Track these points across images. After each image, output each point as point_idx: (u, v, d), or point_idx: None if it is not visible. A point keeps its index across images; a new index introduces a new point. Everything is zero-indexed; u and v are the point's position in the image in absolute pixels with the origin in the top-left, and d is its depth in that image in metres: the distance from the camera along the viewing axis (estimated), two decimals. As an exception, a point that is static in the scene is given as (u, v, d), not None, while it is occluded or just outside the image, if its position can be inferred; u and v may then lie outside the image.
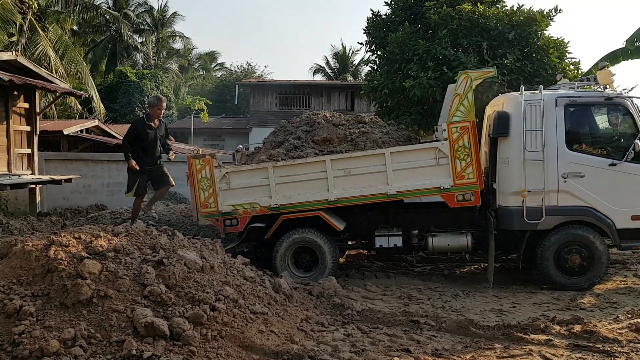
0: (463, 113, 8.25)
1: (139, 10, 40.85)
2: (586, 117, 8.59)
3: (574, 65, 13.17)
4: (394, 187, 8.35)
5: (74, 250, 5.82)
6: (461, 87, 8.25)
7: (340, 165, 8.44)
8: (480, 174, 8.41)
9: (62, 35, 23.91)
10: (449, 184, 8.29)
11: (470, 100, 8.25)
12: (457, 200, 8.37)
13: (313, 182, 8.49)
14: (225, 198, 8.60)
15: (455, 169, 8.26)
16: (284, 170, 8.52)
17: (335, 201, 8.47)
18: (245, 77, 43.60)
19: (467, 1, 13.33)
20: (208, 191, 8.55)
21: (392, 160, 8.34)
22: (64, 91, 15.21)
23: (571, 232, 8.26)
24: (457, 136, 8.24)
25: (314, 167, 8.48)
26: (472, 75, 8.33)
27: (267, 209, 8.56)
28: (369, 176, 8.42)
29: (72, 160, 16.36)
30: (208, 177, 8.56)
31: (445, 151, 8.27)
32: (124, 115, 31.02)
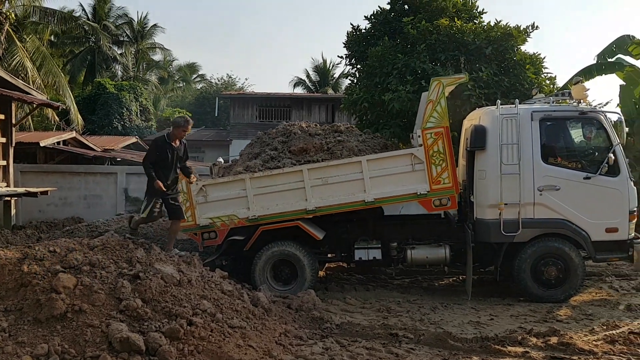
0: (437, 119, 8.33)
1: (119, 22, 40.63)
2: (561, 131, 8.75)
3: (550, 81, 13.40)
4: (372, 195, 8.38)
5: (48, 264, 5.74)
6: (434, 94, 8.34)
7: (317, 174, 8.45)
8: (456, 178, 8.48)
9: (39, 46, 23.67)
10: (426, 189, 8.35)
11: (444, 106, 8.34)
12: (435, 205, 8.44)
13: (291, 192, 8.48)
14: (202, 211, 8.53)
15: (431, 174, 8.32)
16: (261, 181, 8.50)
17: (313, 210, 8.47)
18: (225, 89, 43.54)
19: (445, 17, 13.52)
20: (185, 205, 8.48)
21: (369, 167, 8.37)
22: (40, 102, 15.03)
23: (547, 244, 8.36)
24: (431, 142, 8.31)
25: (292, 177, 8.47)
26: (444, 81, 8.42)
27: (246, 220, 8.52)
28: (346, 184, 8.44)
29: (49, 172, 16.14)
30: (185, 190, 8.49)
31: (421, 157, 8.33)
32: (102, 127, 30.68)
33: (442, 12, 13.83)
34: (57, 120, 25.54)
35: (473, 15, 14.27)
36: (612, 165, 8.25)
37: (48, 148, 19.47)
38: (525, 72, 12.71)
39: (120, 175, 15.80)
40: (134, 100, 33.22)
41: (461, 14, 14.02)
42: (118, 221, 12.37)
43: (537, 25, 13.43)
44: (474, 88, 12.27)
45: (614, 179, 8.30)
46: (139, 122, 33.66)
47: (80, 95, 32.67)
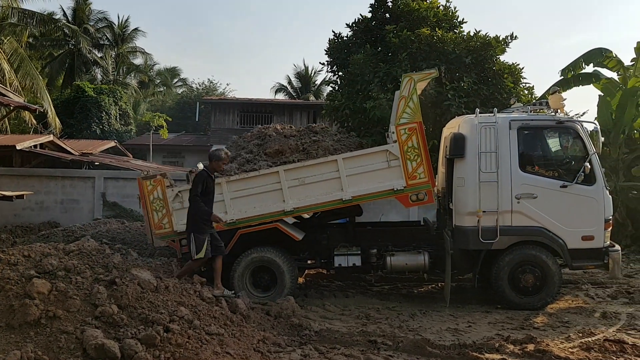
0: (410, 115, 8.37)
1: (99, 25, 40.27)
2: (538, 140, 8.86)
3: (528, 90, 13.61)
4: (349, 193, 8.38)
5: (22, 268, 5.65)
6: (406, 90, 8.38)
7: (294, 175, 8.42)
8: (431, 172, 8.51)
9: (17, 48, 23.32)
10: (402, 185, 8.37)
11: (416, 101, 8.38)
12: (412, 200, 8.47)
13: (268, 194, 8.44)
14: (179, 217, 8.43)
15: (407, 169, 8.35)
16: (238, 185, 8.44)
17: (292, 211, 8.43)
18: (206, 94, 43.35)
19: (426, 26, 13.65)
20: (161, 212, 8.38)
21: (345, 166, 8.37)
22: (17, 105, 14.79)
23: (525, 252, 8.44)
24: (405, 137, 8.35)
25: (268, 178, 8.44)
26: (415, 77, 8.46)
27: (224, 224, 8.46)
28: (323, 184, 8.42)
29: (25, 176, 15.86)
30: (160, 197, 8.39)
31: (396, 153, 8.35)
32: (81, 131, 30.32)
33: (423, 21, 13.97)
34: (34, 123, 25.16)
35: (454, 25, 14.43)
36: (588, 174, 8.36)
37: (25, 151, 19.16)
38: (504, 81, 12.89)
39: (98, 179, 15.60)
40: (113, 104, 32.90)
41: (442, 23, 14.18)
42: (95, 226, 12.20)
43: (515, 35, 13.64)
44: (454, 97, 12.41)
45: (590, 188, 8.42)
46: (118, 126, 33.35)
47: (59, 98, 32.26)
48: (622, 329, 7.36)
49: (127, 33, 41.87)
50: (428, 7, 14.24)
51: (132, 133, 34.88)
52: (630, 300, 8.98)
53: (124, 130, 33.95)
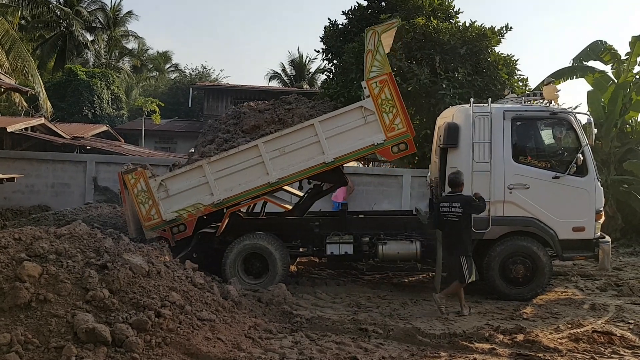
0: (378, 67, 8.31)
1: (92, 8, 39.79)
2: (532, 131, 8.88)
3: (522, 82, 13.63)
4: (331, 155, 8.36)
5: (13, 251, 5.59)
6: (371, 43, 8.31)
7: (273, 145, 8.37)
8: (409, 121, 8.48)
9: (9, 30, 22.92)
10: (382, 138, 8.35)
11: (383, 53, 8.32)
12: (394, 152, 8.48)
13: (251, 169, 8.40)
14: (167, 206, 8.40)
15: (384, 122, 8.31)
16: (219, 164, 8.40)
17: (277, 182, 8.42)
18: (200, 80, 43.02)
19: (422, 15, 13.60)
20: (148, 203, 8.34)
21: (323, 128, 8.33)
22: (8, 87, 14.63)
23: (516, 243, 8.48)
24: (378, 91, 8.29)
25: (248, 153, 8.39)
26: (379, 29, 8.37)
27: (212, 206, 8.42)
28: (304, 150, 8.39)
29: (15, 158, 15.70)
30: (145, 189, 8.34)
31: (371, 108, 8.32)
32: (72, 115, 30.05)
33: (419, 10, 13.95)
34: (25, 106, 24.86)
35: (449, 15, 14.39)
36: (581, 165, 8.41)
37: (15, 134, 19.01)
38: (498, 72, 12.89)
39: (89, 163, 15.46)
40: (105, 88, 32.63)
41: (437, 13, 14.14)
42: (86, 210, 12.12)
43: (510, 26, 13.64)
44: (449, 87, 12.40)
45: (582, 179, 8.46)
46: (110, 110, 33.10)
47: (50, 81, 31.96)
48: (610, 320, 7.43)
49: (119, 16, 41.41)
50: (423, -4, 14.19)
51: (124, 118, 34.64)
52: (618, 292, 9.06)
53: (116, 114, 33.70)
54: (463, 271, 7.57)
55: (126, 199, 8.59)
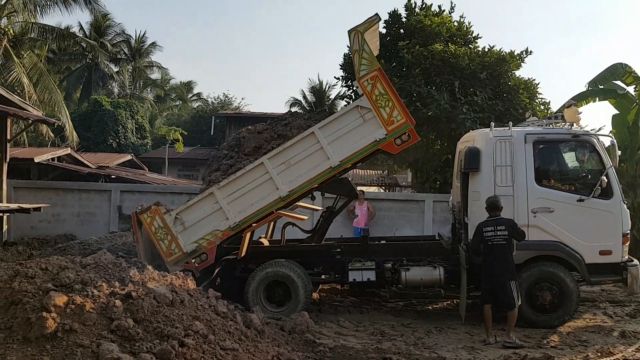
0: (367, 65, 8.31)
1: (117, 40, 40.83)
2: (554, 154, 8.81)
3: (544, 106, 13.56)
4: (336, 159, 8.36)
5: (39, 281, 5.67)
6: (355, 44, 8.32)
7: (278, 160, 8.42)
8: (406, 111, 8.43)
9: (37, 63, 23.68)
10: (383, 133, 8.32)
11: (369, 50, 8.32)
12: (397, 145, 8.42)
13: (261, 187, 8.44)
14: (185, 238, 8.45)
15: (382, 117, 8.29)
16: (230, 188, 8.45)
17: (288, 195, 8.43)
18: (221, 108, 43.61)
19: (440, 42, 13.68)
20: (167, 239, 8.40)
21: (323, 134, 8.36)
22: (36, 119, 15.00)
23: (542, 268, 8.35)
24: (370, 87, 8.28)
25: (256, 172, 8.44)
26: (360, 28, 8.35)
27: (229, 230, 8.45)
28: (309, 159, 8.42)
29: (42, 188, 16.00)
30: (161, 225, 8.41)
31: (367, 105, 8.31)
32: (97, 144, 30.65)
33: (437, 36, 14.02)
34: (52, 136, 25.49)
35: (468, 40, 14.45)
36: (605, 188, 8.30)
37: (42, 164, 19.40)
38: (519, 96, 12.85)
39: (114, 192, 15.68)
40: (129, 118, 33.26)
41: (455, 38, 14.20)
42: (111, 239, 12.29)
43: (530, 50, 13.64)
44: (469, 112, 12.39)
45: (607, 202, 8.34)
46: (135, 139, 33.68)
47: (76, 112, 32.70)
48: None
49: (144, 48, 42.40)
50: (441, 23, 14.29)
51: (148, 146, 35.19)
52: (649, 318, 8.83)
53: (140, 143, 34.26)
54: (513, 296, 7.48)
55: (139, 239, 8.66)
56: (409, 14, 14.95)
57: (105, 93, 37.17)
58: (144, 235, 8.58)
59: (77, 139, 24.74)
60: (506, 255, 7.55)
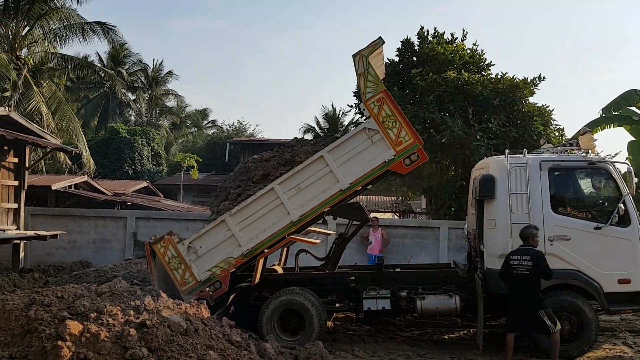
0: (372, 87, 8.32)
1: (134, 69, 41.59)
2: (570, 181, 8.75)
3: (559, 132, 13.52)
4: (346, 182, 8.33)
5: (55, 310, 5.71)
6: (360, 67, 8.33)
7: (288, 184, 8.42)
8: (414, 131, 8.40)
9: (55, 92, 24.14)
10: (392, 154, 8.27)
11: (373, 73, 8.34)
12: (406, 165, 8.36)
13: (272, 213, 8.43)
14: (199, 267, 8.43)
15: (390, 138, 8.26)
16: (241, 214, 8.44)
17: (299, 220, 8.40)
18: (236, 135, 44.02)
19: (453, 69, 13.76)
20: (180, 268, 8.39)
21: (332, 158, 8.35)
22: (54, 147, 15.25)
23: (560, 298, 8.22)
24: (377, 109, 8.27)
25: (267, 198, 8.44)
26: (365, 52, 8.38)
27: (242, 257, 8.43)
28: (319, 182, 8.41)
29: (59, 215, 16.17)
30: (175, 254, 8.41)
31: (374, 127, 8.30)
32: (114, 171, 31.00)
33: (450, 64, 14.11)
34: (69, 164, 25.83)
35: (481, 67, 14.52)
36: (623, 215, 8.20)
37: (59, 191, 19.64)
38: (533, 123, 12.84)
39: (129, 219, 15.80)
40: (146, 145, 33.67)
41: (469, 66, 14.28)
42: (126, 266, 12.33)
43: (543, 76, 13.64)
44: (483, 138, 12.38)
45: (625, 229, 8.23)
46: (150, 166, 34.04)
47: (94, 139, 33.20)
48: (664, 379, 7.06)
49: (160, 76, 43.13)
50: (454, 51, 14.40)
51: (163, 173, 35.52)
52: (671, 348, 8.62)
53: (156, 170, 34.61)
54: (547, 323, 7.39)
55: (152, 269, 8.68)
56: (422, 42, 15.10)
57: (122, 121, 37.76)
58: (158, 265, 8.61)
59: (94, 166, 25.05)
60: (530, 286, 7.46)
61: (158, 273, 8.63)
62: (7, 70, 20.71)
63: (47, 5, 22.29)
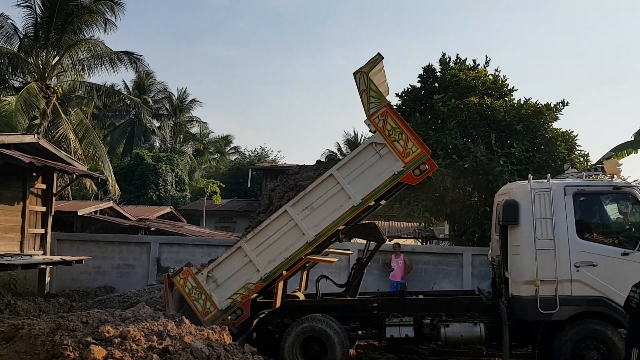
0: (375, 102, 8.34)
1: (159, 97, 42.45)
2: (596, 206, 8.62)
3: (583, 158, 13.37)
4: (358, 197, 8.33)
5: (80, 335, 5.78)
6: (362, 84, 8.38)
7: (301, 205, 8.44)
8: (420, 141, 8.39)
9: (83, 119, 24.74)
10: (401, 166, 8.27)
11: (375, 88, 8.37)
12: (416, 176, 8.36)
13: (287, 235, 8.45)
14: (219, 296, 8.46)
15: (398, 150, 8.26)
16: (257, 239, 8.48)
17: (315, 240, 8.39)
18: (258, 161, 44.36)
19: (475, 95, 13.77)
20: (201, 299, 8.43)
21: (342, 175, 8.37)
22: (81, 173, 15.55)
23: (588, 326, 8.03)
24: (382, 123, 8.30)
25: (281, 221, 8.47)
26: (365, 69, 8.41)
27: (261, 282, 8.43)
28: (331, 200, 8.42)
29: (84, 241, 16.42)
30: (195, 285, 8.45)
31: (380, 141, 8.31)
32: (138, 197, 31.42)
33: (472, 90, 14.13)
34: (95, 189, 26.28)
35: (503, 93, 14.51)
36: (651, 241, 8.03)
37: (85, 217, 19.96)
38: (557, 148, 12.73)
39: (153, 244, 15.96)
40: (170, 171, 34.13)
41: (491, 91, 14.28)
42: (150, 292, 12.42)
43: (567, 102, 13.57)
44: (506, 164, 12.31)
45: (654, 255, 8.04)
46: (174, 192, 34.43)
47: (119, 165, 33.78)
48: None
49: (184, 103, 43.92)
50: (476, 77, 14.42)
51: (186, 199, 35.87)
52: None
53: (179, 196, 34.99)
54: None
55: (169, 302, 8.73)
56: (444, 68, 15.16)
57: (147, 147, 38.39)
58: (175, 297, 8.66)
59: (119, 192, 25.46)
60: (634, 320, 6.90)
61: (175, 305, 8.65)
62: (37, 99, 21.34)
63: (76, 36, 22.98)
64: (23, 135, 13.97)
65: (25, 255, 13.41)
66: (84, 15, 22.64)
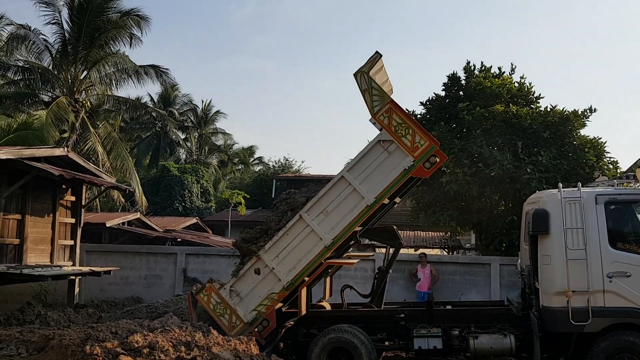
0: (379, 100, 8.30)
1: (184, 109, 42.99)
2: (628, 215, 8.43)
3: (613, 165, 13.12)
4: (371, 196, 8.28)
5: (110, 345, 5.83)
6: (363, 84, 8.34)
7: (315, 211, 8.42)
8: (427, 133, 8.38)
9: (110, 132, 25.19)
10: (410, 161, 8.21)
11: (377, 86, 8.31)
12: (427, 169, 8.32)
13: (305, 241, 8.43)
14: (244, 309, 8.45)
15: (406, 145, 8.21)
16: (275, 249, 8.46)
17: (333, 243, 8.36)
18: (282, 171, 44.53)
19: (500, 103, 13.64)
20: (227, 313, 8.44)
21: (353, 176, 8.34)
22: (109, 185, 15.78)
23: (622, 338, 7.83)
24: (387, 120, 8.25)
25: (297, 228, 8.45)
26: (364, 69, 8.35)
27: (284, 290, 8.41)
28: (345, 202, 8.38)
29: (112, 252, 16.63)
30: (219, 300, 8.47)
31: (388, 138, 8.26)
32: (164, 208, 31.78)
33: (497, 97, 14.00)
34: (122, 201, 26.67)
35: (529, 101, 14.35)
36: (687, 251, 7.82)
37: (113, 228, 20.25)
38: (585, 155, 12.52)
39: (180, 255, 16.08)
40: (195, 183, 34.47)
41: (517, 99, 14.14)
42: (177, 302, 12.47)
43: (595, 108, 13.35)
44: (533, 172, 12.14)
45: (690, 266, 7.82)
46: (199, 203, 34.74)
47: (146, 177, 34.25)
48: None
49: (209, 115, 44.41)
50: (501, 84, 14.28)
51: (212, 210, 36.15)
52: None
53: (205, 207, 35.27)
54: None
55: (193, 320, 8.74)
56: (468, 76, 15.06)
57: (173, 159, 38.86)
58: (199, 313, 8.68)
59: (146, 203, 25.80)
60: None
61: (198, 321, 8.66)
62: (66, 112, 21.79)
63: (103, 51, 23.45)
64: (53, 149, 14.24)
65: (55, 267, 13.63)
66: (111, 31, 23.13)
